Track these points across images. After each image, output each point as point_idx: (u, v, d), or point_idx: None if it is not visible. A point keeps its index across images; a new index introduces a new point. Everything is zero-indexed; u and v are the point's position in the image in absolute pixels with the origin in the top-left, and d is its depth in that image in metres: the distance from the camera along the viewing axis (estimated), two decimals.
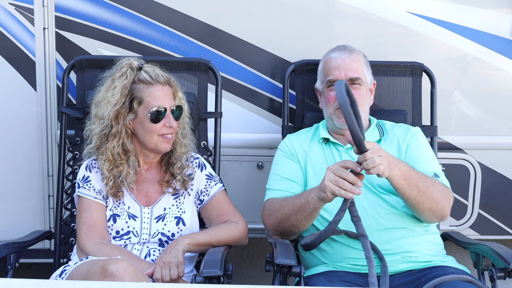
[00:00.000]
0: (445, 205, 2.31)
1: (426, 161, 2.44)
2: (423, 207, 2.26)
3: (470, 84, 3.14)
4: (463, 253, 3.12)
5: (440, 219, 2.37)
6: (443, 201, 2.29)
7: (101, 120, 2.38)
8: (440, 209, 2.29)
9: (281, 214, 2.35)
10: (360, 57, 2.60)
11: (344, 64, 2.55)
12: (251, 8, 3.00)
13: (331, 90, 2.55)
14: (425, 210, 2.28)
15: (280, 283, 2.16)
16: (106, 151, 2.37)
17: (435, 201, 2.26)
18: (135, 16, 2.95)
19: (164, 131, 2.39)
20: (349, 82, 2.53)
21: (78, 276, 2.11)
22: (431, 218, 2.34)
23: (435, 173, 2.38)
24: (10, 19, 2.89)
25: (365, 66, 2.61)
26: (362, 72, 2.57)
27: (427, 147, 2.55)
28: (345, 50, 2.61)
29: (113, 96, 2.35)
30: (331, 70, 2.57)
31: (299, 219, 2.30)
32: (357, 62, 2.58)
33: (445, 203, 2.31)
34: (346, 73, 2.53)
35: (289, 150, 2.58)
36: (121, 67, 2.41)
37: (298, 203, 2.27)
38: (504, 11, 3.03)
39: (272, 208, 2.40)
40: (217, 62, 2.94)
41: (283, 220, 2.35)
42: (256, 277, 3.68)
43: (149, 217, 2.42)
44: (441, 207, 2.29)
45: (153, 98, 2.37)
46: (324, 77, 2.60)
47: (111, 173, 2.38)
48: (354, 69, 2.55)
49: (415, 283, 2.24)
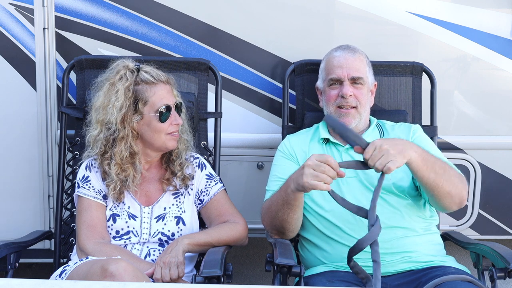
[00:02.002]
0: (463, 188, 2.28)
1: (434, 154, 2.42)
2: (442, 190, 2.22)
3: (470, 84, 3.14)
4: (463, 253, 3.12)
5: (459, 205, 2.32)
6: (460, 184, 2.26)
7: (108, 125, 2.36)
8: (459, 193, 2.26)
9: (271, 212, 2.36)
10: (363, 57, 2.61)
11: (347, 63, 2.55)
12: (251, 8, 3.00)
13: (333, 89, 2.55)
14: (445, 194, 2.24)
15: (280, 283, 2.16)
16: (115, 155, 2.36)
17: (453, 184, 2.23)
18: (135, 16, 2.95)
19: (171, 129, 2.39)
20: (351, 81, 2.53)
21: (78, 276, 2.11)
22: (450, 203, 2.29)
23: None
24: (10, 19, 2.89)
25: (367, 66, 2.61)
26: (364, 72, 2.57)
27: (431, 142, 2.55)
28: (348, 49, 2.61)
29: (117, 100, 2.34)
30: (333, 68, 2.57)
31: (286, 213, 2.30)
32: (360, 62, 2.58)
33: (463, 186, 2.28)
34: (348, 72, 2.53)
35: (288, 151, 2.58)
36: (118, 70, 2.40)
37: (280, 198, 2.28)
38: (504, 11, 3.03)
39: (265, 208, 2.42)
40: (217, 62, 2.94)
41: (274, 217, 2.35)
42: (256, 277, 3.68)
43: (149, 217, 2.42)
44: (459, 191, 2.26)
45: (157, 97, 2.37)
46: (326, 75, 2.60)
47: (118, 178, 2.37)
48: (357, 68, 2.55)
49: (415, 283, 2.24)
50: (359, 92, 2.52)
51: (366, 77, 2.58)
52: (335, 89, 2.55)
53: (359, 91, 2.53)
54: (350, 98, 2.51)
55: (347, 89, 2.51)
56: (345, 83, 2.52)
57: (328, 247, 2.39)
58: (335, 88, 2.55)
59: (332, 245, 2.38)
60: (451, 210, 2.35)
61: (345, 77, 2.53)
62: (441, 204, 2.31)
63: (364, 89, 2.55)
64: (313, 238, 2.44)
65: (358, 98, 2.52)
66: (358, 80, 2.54)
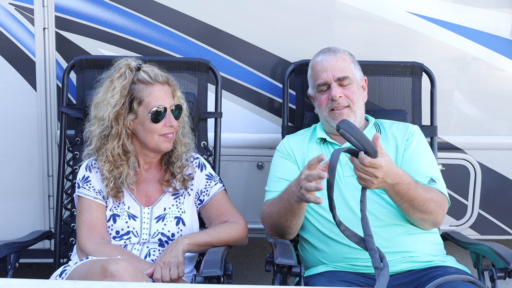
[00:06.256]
0: (439, 214, 2.32)
1: (423, 164, 2.43)
2: (414, 217, 2.30)
3: (470, 84, 3.14)
4: (463, 253, 3.12)
5: (432, 227, 2.40)
6: (437, 212, 2.30)
7: (101, 121, 2.38)
8: (433, 219, 2.32)
9: (272, 219, 2.37)
10: (346, 56, 2.61)
11: (330, 65, 2.55)
12: (251, 8, 3.00)
13: (322, 94, 2.56)
14: (417, 219, 2.32)
15: (280, 283, 2.16)
16: (106, 152, 2.37)
17: (428, 213, 2.28)
18: (135, 16, 2.95)
19: (165, 130, 2.39)
20: (338, 82, 2.53)
21: (78, 276, 2.11)
22: (422, 225, 2.36)
23: (432, 178, 2.37)
24: (10, 19, 2.89)
25: (352, 64, 2.60)
26: (349, 70, 2.57)
27: (426, 148, 2.55)
28: (329, 51, 2.61)
29: (113, 97, 2.35)
30: (318, 73, 2.57)
31: (289, 220, 2.32)
32: (343, 61, 2.58)
33: (439, 214, 2.32)
34: (333, 74, 2.54)
35: (287, 150, 2.58)
36: (119, 68, 2.41)
37: (283, 208, 2.29)
38: (504, 11, 3.03)
39: (266, 212, 2.42)
40: (217, 62, 2.94)
41: (276, 224, 2.38)
42: (256, 277, 3.68)
43: (149, 217, 2.42)
44: (433, 217, 2.32)
45: (153, 98, 2.37)
46: (314, 81, 2.61)
47: (111, 174, 2.38)
48: (341, 68, 2.55)
49: (415, 283, 2.24)
50: (349, 91, 2.53)
51: (353, 74, 2.58)
52: (325, 93, 2.55)
53: (349, 90, 2.53)
54: (340, 99, 2.51)
55: (336, 91, 2.51)
56: (333, 85, 2.53)
57: (328, 247, 2.39)
58: (324, 92, 2.56)
59: (331, 245, 2.38)
60: (424, 229, 2.39)
61: (331, 80, 2.53)
62: (413, 223, 2.36)
63: (353, 87, 2.55)
64: (313, 238, 2.44)
65: (349, 97, 2.52)
66: (344, 79, 2.54)
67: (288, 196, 2.23)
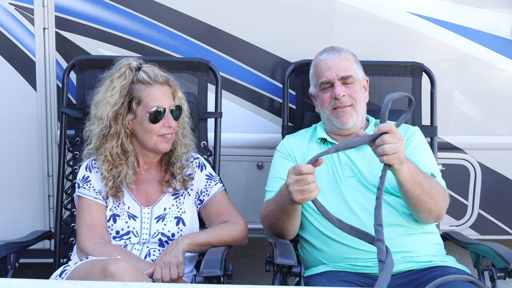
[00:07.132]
0: (443, 206, 2.32)
1: (424, 160, 2.43)
2: (423, 206, 2.26)
3: (470, 84, 3.14)
4: (463, 253, 3.12)
5: (435, 220, 2.38)
6: (442, 202, 2.30)
7: (100, 120, 2.38)
8: (438, 210, 2.30)
9: (269, 220, 2.37)
10: (349, 56, 2.61)
11: (334, 64, 2.55)
12: (251, 8, 3.00)
13: (325, 92, 2.56)
14: (425, 210, 2.28)
15: (280, 283, 2.16)
16: (105, 151, 2.37)
17: (435, 201, 2.26)
18: (135, 16, 2.95)
19: (163, 131, 2.38)
20: (342, 81, 2.53)
21: (78, 276, 2.11)
22: (427, 218, 2.34)
23: (432, 173, 2.37)
24: (10, 19, 2.89)
25: (355, 64, 2.61)
26: (353, 70, 2.57)
27: (425, 147, 2.55)
28: (333, 50, 2.61)
29: (112, 97, 2.36)
30: (322, 72, 2.57)
31: (285, 222, 2.32)
32: (347, 60, 2.58)
33: (443, 204, 2.32)
34: (337, 73, 2.54)
35: (287, 150, 2.58)
36: (120, 67, 2.42)
37: (278, 210, 2.29)
38: (504, 11, 3.03)
39: (263, 214, 2.42)
40: (217, 62, 2.94)
41: (273, 225, 2.38)
42: (256, 277, 3.68)
43: (149, 217, 2.42)
44: (439, 208, 2.30)
45: (151, 98, 2.37)
46: (317, 80, 2.61)
47: (110, 174, 2.38)
48: (345, 67, 2.55)
49: (415, 283, 2.24)
50: (352, 90, 2.53)
51: (356, 74, 2.58)
52: (328, 92, 2.55)
53: (352, 89, 2.53)
54: (343, 98, 2.51)
55: (339, 89, 2.51)
56: (336, 84, 2.52)
57: (328, 247, 2.39)
58: (327, 91, 2.55)
59: (331, 245, 2.38)
60: (426, 223, 2.38)
61: (335, 78, 2.53)
62: (418, 217, 2.34)
63: (356, 86, 2.55)
64: (313, 238, 2.44)
65: (352, 96, 2.52)
66: (348, 78, 2.54)
67: (282, 199, 2.23)
